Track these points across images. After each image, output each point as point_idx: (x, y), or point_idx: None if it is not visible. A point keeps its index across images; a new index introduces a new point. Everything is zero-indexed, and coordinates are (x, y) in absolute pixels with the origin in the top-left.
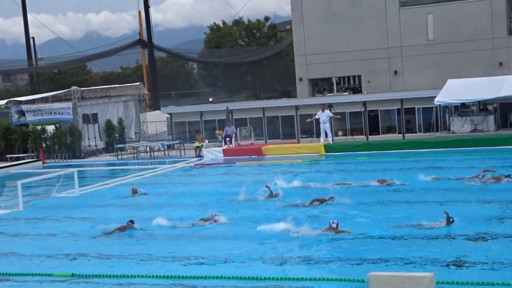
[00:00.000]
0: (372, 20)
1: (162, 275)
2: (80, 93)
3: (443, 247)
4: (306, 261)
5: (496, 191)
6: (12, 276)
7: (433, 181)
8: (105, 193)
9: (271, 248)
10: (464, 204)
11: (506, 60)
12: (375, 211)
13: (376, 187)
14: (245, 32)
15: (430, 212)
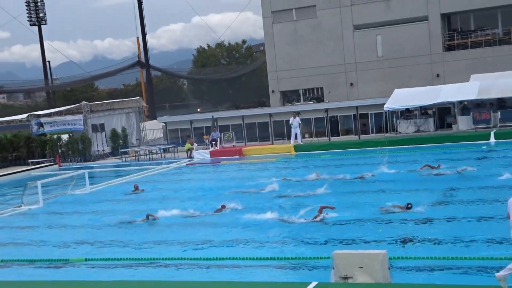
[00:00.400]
0: (331, 41)
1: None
2: (89, 107)
3: (395, 228)
4: (288, 243)
5: (437, 181)
6: (35, 262)
7: (388, 174)
8: (112, 190)
9: (258, 232)
10: (413, 192)
11: (442, 72)
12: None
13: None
14: (226, 53)
15: (389, 199)
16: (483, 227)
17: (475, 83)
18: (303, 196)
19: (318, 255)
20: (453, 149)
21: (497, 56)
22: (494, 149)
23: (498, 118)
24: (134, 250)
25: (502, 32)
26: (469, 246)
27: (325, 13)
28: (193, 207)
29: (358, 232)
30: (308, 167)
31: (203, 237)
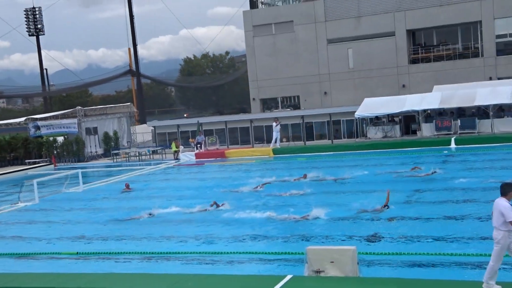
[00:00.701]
0: (307, 53)
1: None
2: (84, 111)
3: (364, 226)
4: (265, 238)
5: (406, 182)
6: (30, 255)
7: (360, 175)
8: (104, 189)
9: (237, 228)
10: (383, 192)
11: (407, 83)
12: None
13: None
14: (211, 63)
15: (362, 198)
16: (447, 226)
17: (437, 93)
18: (283, 195)
19: (293, 250)
20: (417, 153)
21: (457, 69)
22: (454, 154)
23: (458, 126)
24: (123, 244)
25: (461, 47)
26: (434, 243)
27: (301, 28)
28: (179, 204)
29: (331, 229)
30: (287, 168)
31: (188, 232)
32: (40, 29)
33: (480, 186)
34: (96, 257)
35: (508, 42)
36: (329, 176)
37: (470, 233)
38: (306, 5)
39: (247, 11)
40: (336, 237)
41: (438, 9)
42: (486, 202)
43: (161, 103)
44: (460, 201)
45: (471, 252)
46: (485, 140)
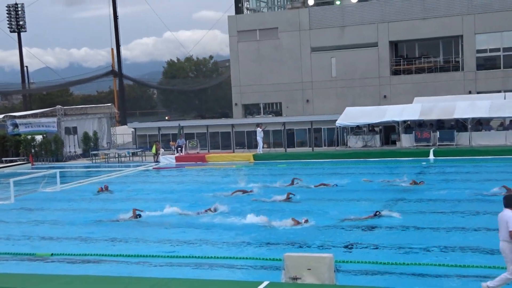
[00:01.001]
0: (291, 61)
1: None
2: (64, 110)
3: (340, 234)
4: (244, 244)
5: (385, 191)
6: (2, 255)
7: (341, 183)
8: (82, 189)
9: (215, 233)
10: (363, 201)
11: (389, 93)
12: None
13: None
14: (194, 67)
15: (344, 206)
16: (425, 235)
17: (418, 105)
18: (266, 201)
19: (270, 257)
20: (397, 163)
21: (437, 81)
22: (433, 165)
23: (437, 138)
24: (100, 246)
25: (442, 60)
26: (409, 253)
27: (286, 35)
28: (158, 207)
29: (309, 236)
30: (268, 175)
31: (166, 236)
32: (22, 26)
33: (456, 197)
34: (71, 258)
35: (488, 57)
36: (312, 183)
37: (448, 243)
38: (291, 12)
39: (232, 16)
40: (314, 245)
41: (420, 22)
42: (462, 213)
43: (143, 105)
44: (437, 212)
45: (448, 263)
46: (463, 153)
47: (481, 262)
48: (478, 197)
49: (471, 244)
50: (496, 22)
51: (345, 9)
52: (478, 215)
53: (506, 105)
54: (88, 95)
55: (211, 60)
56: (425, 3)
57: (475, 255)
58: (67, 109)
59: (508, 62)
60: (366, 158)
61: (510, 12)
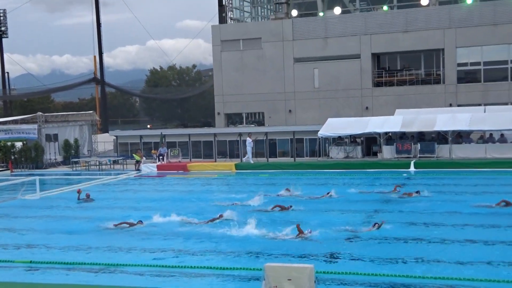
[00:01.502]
0: (273, 71)
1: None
2: (44, 117)
3: (324, 245)
4: (225, 254)
5: (365, 202)
6: None
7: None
8: (61, 197)
9: (196, 242)
10: (345, 212)
11: (371, 105)
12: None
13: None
14: (177, 75)
15: (325, 217)
16: (408, 247)
17: (399, 117)
18: (250, 211)
19: (251, 267)
20: (378, 175)
21: (419, 94)
22: (413, 177)
23: (418, 150)
24: (79, 254)
25: (424, 73)
26: (393, 264)
27: (269, 45)
28: (137, 216)
29: (291, 247)
30: (250, 184)
31: (146, 245)
32: (4, 32)
33: (437, 210)
34: (50, 266)
35: (468, 70)
36: (298, 192)
37: (432, 255)
38: (275, 23)
39: (216, 26)
40: (296, 255)
41: (402, 35)
42: (445, 226)
43: (125, 113)
44: (420, 223)
45: (430, 275)
46: (443, 165)
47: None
48: (467, 209)
49: (458, 257)
50: (477, 36)
51: (328, 20)
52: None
53: (486, 118)
54: (70, 102)
55: (194, 69)
56: (407, 16)
57: (463, 267)
58: (48, 116)
59: (488, 76)
60: (347, 169)
61: (490, 26)
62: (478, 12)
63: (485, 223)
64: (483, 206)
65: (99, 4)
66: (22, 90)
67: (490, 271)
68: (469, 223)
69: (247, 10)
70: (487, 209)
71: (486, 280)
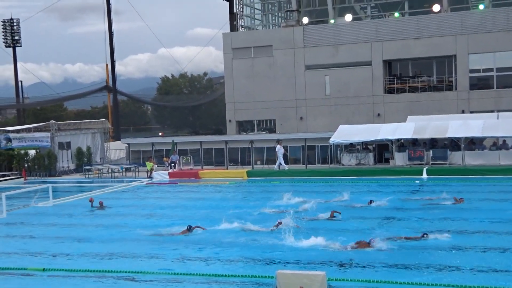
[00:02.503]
0: (285, 78)
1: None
2: (57, 125)
3: (337, 252)
4: (237, 261)
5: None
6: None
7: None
8: (74, 204)
9: (210, 250)
10: (356, 219)
11: (382, 112)
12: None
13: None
14: (189, 83)
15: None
16: (418, 255)
17: (411, 123)
18: (256, 218)
19: (263, 274)
20: (390, 181)
21: (431, 100)
22: (426, 183)
23: (430, 156)
24: (92, 262)
25: (436, 79)
26: (403, 271)
27: (280, 53)
28: (152, 223)
29: (302, 254)
30: (262, 191)
31: (159, 252)
32: (17, 41)
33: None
34: (63, 274)
35: (481, 77)
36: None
37: (439, 262)
38: (286, 30)
39: (227, 34)
40: (306, 262)
41: (414, 41)
42: (457, 233)
43: (136, 120)
44: (434, 231)
45: (438, 282)
46: (456, 172)
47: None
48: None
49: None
50: (489, 42)
51: (340, 28)
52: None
53: (499, 124)
54: (82, 110)
55: (206, 76)
56: (418, 23)
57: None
58: (60, 124)
59: (501, 82)
60: (359, 176)
61: (502, 33)
62: (491, 18)
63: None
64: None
65: (111, 12)
66: (35, 99)
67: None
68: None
69: (258, 18)
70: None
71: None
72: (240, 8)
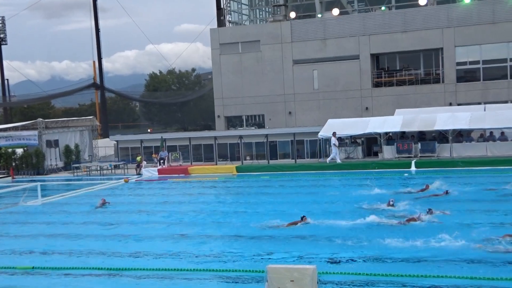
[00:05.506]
0: (273, 73)
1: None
2: (45, 123)
3: (325, 246)
4: (227, 256)
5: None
6: None
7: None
8: (63, 202)
9: (198, 245)
10: (345, 212)
11: (370, 105)
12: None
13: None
14: (177, 79)
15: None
16: (405, 248)
17: (399, 117)
18: (245, 212)
19: (253, 268)
20: (379, 175)
21: (418, 93)
22: (414, 176)
23: (418, 149)
24: (82, 259)
25: (423, 72)
26: (390, 263)
27: (268, 47)
28: (142, 220)
29: (292, 248)
30: (248, 186)
31: (150, 248)
32: (3, 39)
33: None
34: (53, 272)
35: (468, 69)
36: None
37: (428, 254)
38: (273, 25)
39: (214, 29)
40: (298, 256)
41: (401, 35)
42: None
43: (125, 117)
44: (419, 226)
45: (430, 274)
46: (444, 164)
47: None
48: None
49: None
50: (475, 35)
51: (327, 22)
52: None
53: (486, 116)
54: (70, 108)
55: (194, 72)
56: (405, 16)
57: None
58: (48, 122)
59: (488, 74)
60: (348, 170)
61: (488, 25)
62: (477, 10)
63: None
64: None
65: (97, 9)
66: (22, 97)
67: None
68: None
69: (245, 13)
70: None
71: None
72: (227, 3)
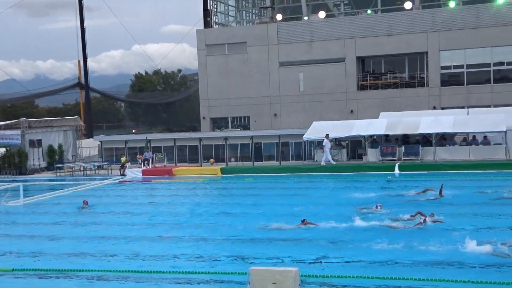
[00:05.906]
0: (259, 75)
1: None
2: (28, 123)
3: (306, 248)
4: (209, 258)
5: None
6: None
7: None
8: (45, 203)
9: (180, 247)
10: (327, 215)
11: (355, 108)
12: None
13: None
14: (162, 80)
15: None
16: (391, 251)
17: (384, 120)
18: (228, 214)
19: (235, 271)
20: (363, 177)
21: (403, 97)
22: (397, 179)
23: (402, 152)
24: (62, 261)
25: (408, 76)
26: (375, 266)
27: (254, 49)
28: (122, 221)
29: (275, 250)
30: (236, 188)
31: (131, 249)
32: None
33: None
34: (33, 273)
35: (452, 73)
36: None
37: (415, 257)
38: (260, 27)
39: (201, 30)
40: (280, 258)
41: (386, 38)
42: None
43: (110, 118)
44: (399, 228)
45: (417, 277)
46: (427, 167)
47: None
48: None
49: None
50: (459, 39)
51: (313, 24)
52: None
53: (469, 120)
54: (54, 107)
55: (180, 73)
56: (390, 20)
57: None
58: (31, 121)
59: (471, 78)
60: (333, 172)
61: (472, 30)
62: (461, 15)
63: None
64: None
65: (83, 9)
66: (5, 96)
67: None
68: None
69: (232, 15)
70: None
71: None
72: (214, 4)
